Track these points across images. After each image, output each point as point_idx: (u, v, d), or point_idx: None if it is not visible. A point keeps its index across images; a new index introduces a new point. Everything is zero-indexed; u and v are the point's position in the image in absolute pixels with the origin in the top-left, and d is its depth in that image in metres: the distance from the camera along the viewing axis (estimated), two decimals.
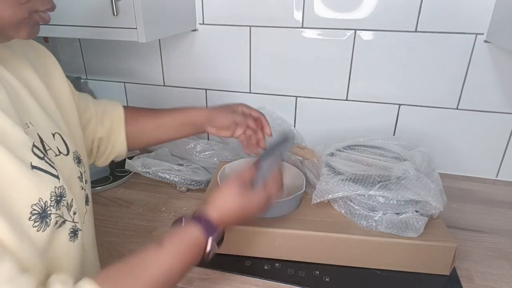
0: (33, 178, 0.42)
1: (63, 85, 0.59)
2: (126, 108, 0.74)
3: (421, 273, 0.70)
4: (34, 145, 0.44)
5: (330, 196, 0.71)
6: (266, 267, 0.71)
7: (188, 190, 0.96)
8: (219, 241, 0.54)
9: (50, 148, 0.48)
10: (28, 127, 0.46)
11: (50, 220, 0.43)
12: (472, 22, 0.90)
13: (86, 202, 0.56)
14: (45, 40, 1.22)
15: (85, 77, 1.26)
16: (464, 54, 0.94)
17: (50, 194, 0.44)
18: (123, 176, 1.00)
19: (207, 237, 0.51)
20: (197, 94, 1.17)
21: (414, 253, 0.69)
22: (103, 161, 0.74)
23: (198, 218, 0.52)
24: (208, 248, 0.51)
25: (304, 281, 0.68)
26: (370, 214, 0.69)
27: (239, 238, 0.72)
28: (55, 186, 0.45)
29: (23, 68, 0.51)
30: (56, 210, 0.44)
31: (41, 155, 0.44)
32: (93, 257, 0.59)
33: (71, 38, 1.15)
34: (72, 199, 0.48)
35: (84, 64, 1.24)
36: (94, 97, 0.73)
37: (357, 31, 0.98)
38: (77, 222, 0.49)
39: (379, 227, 0.69)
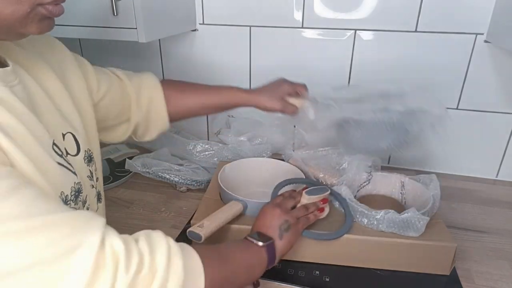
0: (58, 172, 0.44)
1: (78, 82, 0.59)
2: (166, 85, 0.74)
3: (421, 273, 0.70)
4: (54, 143, 0.45)
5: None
6: None
7: (188, 190, 0.96)
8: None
9: (59, 148, 0.49)
10: None
11: None
12: (472, 22, 0.90)
13: (98, 199, 0.57)
14: None
15: None
16: (464, 54, 0.94)
17: (71, 189, 0.46)
18: (123, 176, 1.00)
19: (268, 266, 0.58)
20: None
21: (415, 252, 0.69)
22: (149, 138, 0.76)
23: (271, 249, 0.58)
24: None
25: (304, 281, 0.68)
26: (372, 213, 0.69)
27: (240, 238, 0.72)
28: (75, 182, 0.47)
29: (39, 68, 0.51)
30: (75, 204, 0.47)
31: (60, 153, 0.46)
32: None
33: (71, 38, 1.15)
34: (87, 196, 0.51)
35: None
36: None
37: (357, 31, 0.98)
38: None
39: (380, 226, 0.69)
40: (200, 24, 1.08)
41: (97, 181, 0.57)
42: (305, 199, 0.71)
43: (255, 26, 1.04)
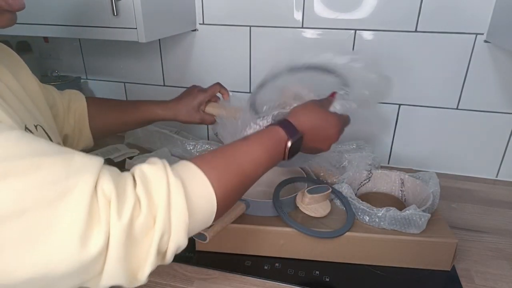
0: None
1: (32, 82, 0.60)
2: (90, 101, 0.76)
3: (421, 272, 0.70)
4: (26, 127, 0.45)
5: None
6: (266, 267, 0.71)
7: None
8: (297, 147, 0.58)
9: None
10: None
11: None
12: (472, 22, 0.90)
13: None
14: (45, 40, 1.22)
15: (85, 77, 1.26)
16: (464, 54, 0.94)
17: None
18: None
19: (288, 138, 0.55)
20: None
21: (416, 249, 0.69)
22: None
23: (282, 121, 0.57)
24: (288, 146, 0.55)
25: (304, 281, 0.68)
26: (373, 210, 0.69)
27: (244, 237, 0.72)
28: None
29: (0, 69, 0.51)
30: None
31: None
32: None
33: (71, 38, 1.15)
34: None
35: (84, 64, 1.24)
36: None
37: (357, 31, 0.98)
38: None
39: (381, 223, 0.69)
40: (200, 24, 1.08)
41: None
42: (307, 198, 0.72)
43: (255, 26, 1.04)
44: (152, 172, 0.40)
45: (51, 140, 0.52)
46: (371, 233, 0.70)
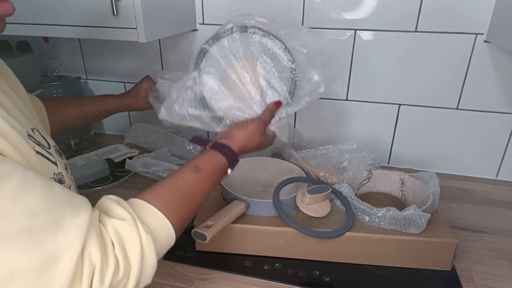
0: (40, 161, 0.44)
1: (20, 87, 0.60)
2: (45, 100, 0.78)
3: (421, 272, 0.70)
4: (28, 134, 0.45)
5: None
6: (266, 267, 0.71)
7: None
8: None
9: (34, 138, 0.49)
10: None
11: None
12: (472, 22, 0.90)
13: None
14: (45, 40, 1.22)
15: (85, 77, 1.26)
16: (464, 54, 0.94)
17: (53, 179, 0.46)
18: (123, 176, 1.00)
19: (229, 167, 0.62)
20: None
21: (416, 249, 0.69)
22: None
23: (225, 149, 0.62)
24: (228, 174, 0.62)
25: (304, 281, 0.68)
26: (373, 210, 0.69)
27: (244, 237, 0.72)
28: (54, 172, 0.47)
29: None
30: None
31: (37, 142, 0.46)
32: None
33: (71, 38, 1.15)
34: (70, 186, 0.50)
35: (84, 64, 1.24)
36: None
37: (357, 31, 0.98)
38: None
39: (382, 223, 0.69)
40: (200, 24, 1.08)
41: (71, 174, 0.57)
42: (307, 198, 0.72)
43: None
44: (125, 230, 0.43)
45: (47, 141, 0.52)
46: (371, 233, 0.70)
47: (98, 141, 1.26)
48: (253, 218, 0.73)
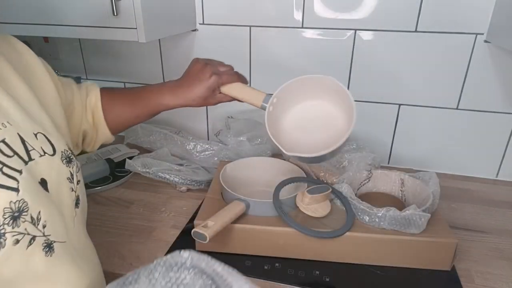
0: None
1: (47, 84, 0.57)
2: (103, 94, 0.73)
3: (421, 272, 0.70)
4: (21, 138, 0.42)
5: None
6: (266, 267, 0.71)
7: (188, 190, 0.96)
8: None
9: (34, 148, 0.46)
10: (6, 126, 0.43)
11: (5, 240, 0.39)
12: (472, 22, 0.90)
13: (76, 204, 0.52)
14: (45, 40, 1.22)
15: (85, 77, 1.26)
16: (464, 54, 0.94)
17: (4, 211, 0.39)
18: (123, 176, 1.00)
19: None
20: None
21: (416, 249, 0.69)
22: (91, 149, 0.76)
23: None
24: None
25: (304, 281, 0.68)
26: (373, 210, 0.69)
27: (244, 237, 0.72)
28: (11, 201, 0.40)
29: (1, 68, 0.48)
30: (14, 227, 0.40)
31: None
32: (91, 257, 0.55)
33: (71, 38, 1.15)
34: (39, 211, 0.43)
35: (84, 64, 1.24)
36: None
37: (357, 31, 0.98)
38: (49, 235, 0.45)
39: (381, 223, 0.69)
40: (200, 24, 1.08)
41: (77, 184, 0.53)
42: (307, 198, 0.72)
43: (255, 26, 1.04)
44: None
45: (53, 147, 0.49)
46: (371, 233, 0.70)
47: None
48: (253, 218, 0.73)
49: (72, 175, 0.51)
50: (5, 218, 0.39)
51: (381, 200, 0.82)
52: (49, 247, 0.45)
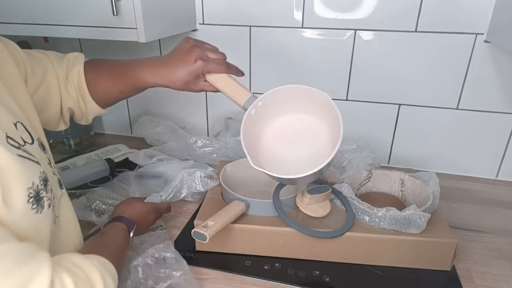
0: (22, 164, 0.42)
1: (12, 71, 0.55)
2: (87, 67, 0.70)
3: (421, 272, 0.70)
4: (7, 136, 0.43)
5: None
6: (266, 267, 0.71)
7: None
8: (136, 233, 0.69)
9: (14, 140, 0.46)
10: None
11: (43, 202, 0.45)
12: (472, 22, 0.90)
13: (60, 186, 0.56)
14: (45, 40, 1.22)
15: None
16: (464, 54, 0.94)
17: (39, 178, 0.45)
18: None
19: (129, 230, 0.67)
20: (197, 94, 1.17)
21: (416, 249, 0.69)
22: (85, 122, 0.75)
23: (119, 219, 0.68)
24: (131, 236, 0.67)
25: (304, 281, 0.68)
26: (373, 210, 0.69)
27: (244, 237, 0.72)
28: (40, 171, 0.46)
29: None
30: (46, 193, 0.46)
31: (17, 145, 0.44)
32: (76, 239, 0.59)
33: (71, 38, 1.15)
34: (51, 185, 0.49)
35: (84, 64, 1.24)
36: None
37: (357, 31, 0.98)
38: (55, 206, 0.51)
39: (381, 223, 0.69)
40: (200, 24, 1.08)
41: (55, 168, 0.56)
42: (307, 198, 0.72)
43: (255, 26, 1.04)
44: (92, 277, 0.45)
45: (31, 136, 0.50)
46: (371, 233, 0.70)
47: (98, 141, 1.26)
48: (253, 218, 0.73)
49: (49, 160, 0.54)
50: (41, 184, 0.45)
51: (381, 200, 0.82)
52: (55, 217, 0.51)
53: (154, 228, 0.78)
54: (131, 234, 0.67)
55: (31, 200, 0.42)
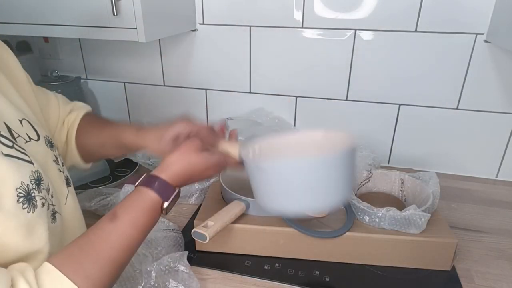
0: (10, 164, 0.42)
1: (21, 75, 0.58)
2: (86, 116, 0.70)
3: (421, 272, 0.70)
4: (0, 135, 0.44)
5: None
6: (266, 267, 0.71)
7: None
8: (174, 202, 0.54)
9: (19, 135, 0.48)
10: None
11: (36, 202, 0.44)
12: (472, 22, 0.90)
13: (68, 184, 0.56)
14: (45, 40, 1.22)
15: (85, 77, 1.26)
16: (464, 54, 0.94)
17: (30, 178, 0.44)
18: (123, 176, 1.00)
19: (162, 200, 0.52)
20: (197, 94, 1.17)
21: (416, 249, 0.69)
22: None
23: (154, 181, 0.52)
24: (165, 207, 0.52)
25: (304, 281, 0.68)
26: (373, 211, 0.69)
27: (244, 237, 0.72)
28: (32, 171, 0.45)
29: None
30: (39, 192, 0.45)
31: (10, 144, 0.44)
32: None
33: (71, 38, 1.15)
34: (48, 183, 0.49)
35: (84, 64, 1.24)
36: (94, 97, 0.72)
37: (357, 31, 0.98)
38: (55, 205, 0.50)
39: (381, 223, 0.69)
40: (200, 24, 1.08)
41: (63, 165, 0.56)
42: None
43: (255, 26, 1.04)
44: None
45: (37, 133, 0.50)
46: (371, 233, 0.70)
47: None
48: (253, 218, 0.73)
49: (57, 157, 0.54)
50: (32, 184, 0.44)
51: (381, 200, 0.82)
52: (53, 215, 0.49)
53: (170, 230, 0.74)
54: (165, 205, 0.52)
55: (21, 200, 0.42)
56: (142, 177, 0.54)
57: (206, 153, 0.57)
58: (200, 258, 0.73)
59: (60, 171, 0.54)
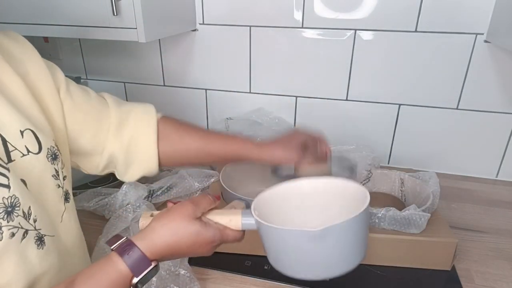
0: None
1: (43, 77, 0.53)
2: (164, 122, 0.66)
3: (421, 272, 0.70)
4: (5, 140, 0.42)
5: None
6: (266, 267, 0.71)
7: None
8: (149, 272, 0.45)
9: (16, 149, 0.45)
10: None
11: (1, 233, 0.40)
12: (472, 22, 0.90)
13: (66, 199, 0.52)
14: (45, 40, 1.22)
15: (85, 77, 1.26)
16: (464, 54, 0.94)
17: None
18: None
19: (132, 274, 0.43)
20: (197, 94, 1.17)
21: (416, 249, 0.69)
22: (127, 178, 0.66)
23: (127, 249, 0.44)
24: (134, 282, 0.44)
25: (304, 281, 0.68)
26: (373, 211, 0.69)
27: (244, 237, 0.72)
28: (3, 197, 0.41)
29: None
30: (8, 222, 0.41)
31: None
32: (81, 253, 0.57)
33: (71, 38, 1.15)
34: (30, 206, 0.44)
35: (84, 64, 1.24)
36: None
37: (357, 31, 0.98)
38: (40, 229, 0.46)
39: (381, 223, 0.69)
40: (200, 24, 1.08)
41: (64, 179, 0.52)
42: None
43: (255, 26, 1.04)
44: None
45: (39, 145, 0.47)
46: (371, 233, 0.69)
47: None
48: None
49: (57, 171, 0.51)
50: (0, 213, 0.41)
51: (381, 200, 0.82)
52: (40, 240, 0.46)
53: None
54: (134, 281, 0.43)
55: None
56: (121, 240, 0.45)
57: (199, 224, 0.48)
58: (200, 258, 0.73)
59: (59, 187, 0.50)
